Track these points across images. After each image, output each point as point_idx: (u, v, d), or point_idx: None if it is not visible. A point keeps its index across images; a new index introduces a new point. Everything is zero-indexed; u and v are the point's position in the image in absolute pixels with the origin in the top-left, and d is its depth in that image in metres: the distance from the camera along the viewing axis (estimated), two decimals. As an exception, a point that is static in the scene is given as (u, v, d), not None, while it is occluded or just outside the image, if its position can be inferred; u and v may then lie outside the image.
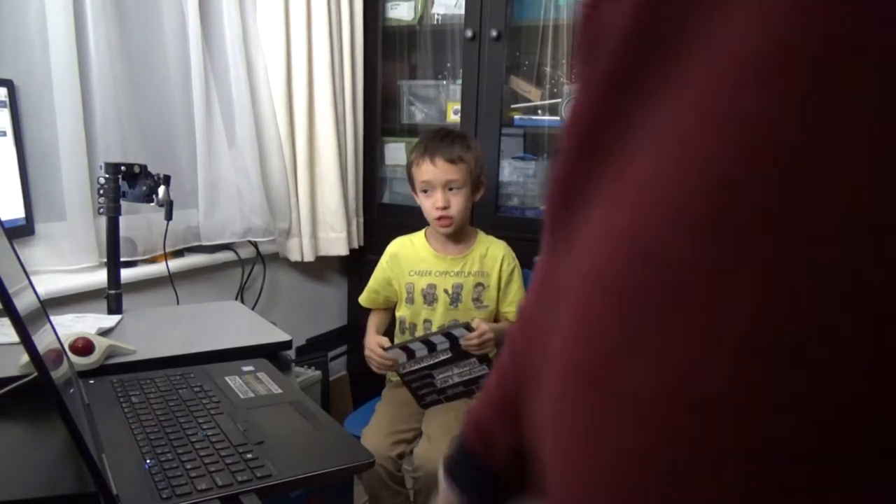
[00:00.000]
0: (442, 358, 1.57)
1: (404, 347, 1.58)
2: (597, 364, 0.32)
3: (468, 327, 1.54)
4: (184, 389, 1.00)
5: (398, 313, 1.78)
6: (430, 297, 1.70)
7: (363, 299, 1.82)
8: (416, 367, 1.60)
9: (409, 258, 1.73)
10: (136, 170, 1.39)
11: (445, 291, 1.69)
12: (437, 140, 1.64)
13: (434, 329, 1.68)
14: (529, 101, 2.13)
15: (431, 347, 1.57)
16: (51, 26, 1.41)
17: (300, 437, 0.89)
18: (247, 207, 1.88)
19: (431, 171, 1.61)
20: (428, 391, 1.64)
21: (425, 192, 1.65)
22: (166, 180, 1.41)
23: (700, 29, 0.29)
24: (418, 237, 1.76)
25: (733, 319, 0.27)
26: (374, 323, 1.79)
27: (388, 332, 1.80)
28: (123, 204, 1.39)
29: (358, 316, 2.40)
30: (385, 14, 2.24)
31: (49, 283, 1.41)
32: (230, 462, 0.78)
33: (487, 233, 1.78)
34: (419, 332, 1.71)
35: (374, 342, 1.65)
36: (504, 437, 0.52)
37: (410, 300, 1.72)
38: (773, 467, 0.27)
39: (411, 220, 1.87)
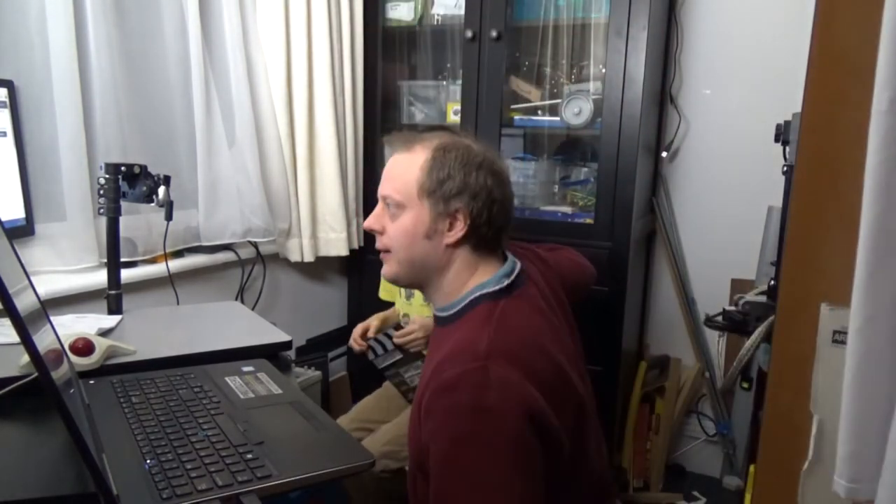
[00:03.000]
0: (396, 358, 1.61)
1: (370, 345, 1.64)
2: None
3: (397, 327, 1.60)
4: (184, 390, 1.00)
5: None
6: (408, 292, 1.71)
7: (380, 293, 1.89)
8: (383, 364, 1.63)
9: None
10: (136, 170, 1.39)
11: None
12: None
13: (410, 323, 1.71)
14: (529, 101, 2.13)
15: (383, 348, 1.61)
16: (51, 26, 1.41)
17: (300, 437, 0.89)
18: (247, 208, 1.88)
19: None
20: (405, 388, 1.66)
21: None
22: (166, 181, 1.41)
23: None
24: None
25: None
26: (382, 313, 1.80)
27: None
28: (123, 204, 1.39)
29: (357, 316, 2.41)
30: (385, 14, 2.24)
31: (49, 284, 1.41)
32: (230, 462, 0.78)
33: None
34: (402, 326, 1.72)
35: (360, 325, 1.69)
36: None
37: (401, 294, 1.75)
38: None
39: (411, 220, 1.87)
